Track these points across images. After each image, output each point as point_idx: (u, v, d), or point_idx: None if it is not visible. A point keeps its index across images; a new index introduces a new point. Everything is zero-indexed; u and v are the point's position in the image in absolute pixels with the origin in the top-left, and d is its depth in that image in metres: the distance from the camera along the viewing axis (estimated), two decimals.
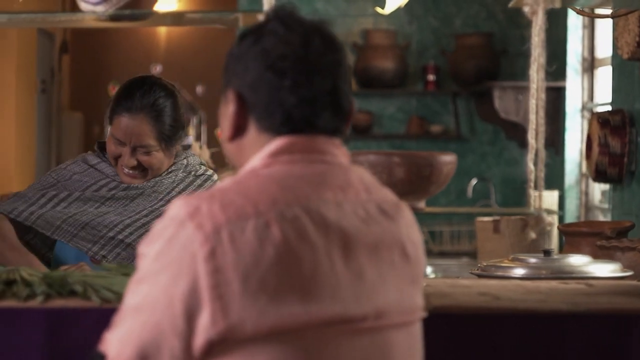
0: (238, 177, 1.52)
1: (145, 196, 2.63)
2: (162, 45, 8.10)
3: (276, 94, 1.52)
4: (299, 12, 1.59)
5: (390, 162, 1.85)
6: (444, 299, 1.82)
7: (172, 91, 2.63)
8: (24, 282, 1.86)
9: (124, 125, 2.55)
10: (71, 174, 2.66)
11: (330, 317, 1.43)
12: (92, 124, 8.21)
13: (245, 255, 1.39)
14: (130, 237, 2.57)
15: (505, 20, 6.64)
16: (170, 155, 2.65)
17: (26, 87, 6.26)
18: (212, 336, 1.38)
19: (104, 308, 1.76)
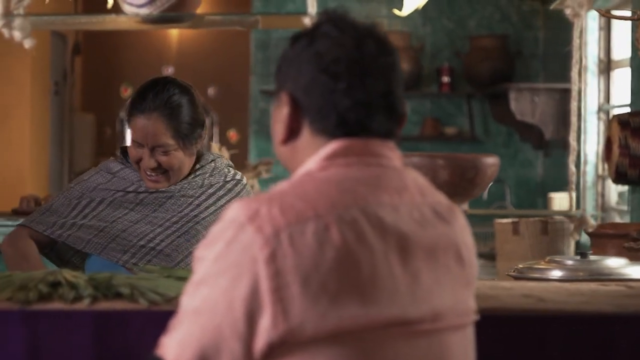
0: (295, 180, 1.52)
1: (174, 200, 2.61)
2: (174, 47, 8.10)
3: (330, 97, 1.52)
4: (351, 15, 1.60)
5: (434, 164, 1.85)
6: (489, 301, 1.82)
7: (187, 89, 2.61)
8: (68, 284, 1.85)
9: (139, 126, 2.55)
10: (95, 185, 2.64)
11: (389, 320, 1.43)
12: (104, 125, 8.21)
13: (306, 258, 1.39)
14: (161, 245, 2.56)
15: (519, 22, 6.64)
16: (191, 154, 2.62)
17: (40, 89, 6.27)
18: (273, 339, 1.38)
19: (151, 310, 1.75)
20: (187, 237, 2.58)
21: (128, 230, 2.56)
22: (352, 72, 1.52)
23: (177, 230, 2.56)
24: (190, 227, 2.59)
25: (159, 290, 1.83)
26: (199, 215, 2.61)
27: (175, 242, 2.56)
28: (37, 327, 1.73)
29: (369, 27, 1.57)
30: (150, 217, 2.58)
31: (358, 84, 1.52)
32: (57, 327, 1.73)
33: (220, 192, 2.64)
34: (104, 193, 2.61)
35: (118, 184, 2.63)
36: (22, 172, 5.94)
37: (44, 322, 1.73)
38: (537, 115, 5.72)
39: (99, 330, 1.73)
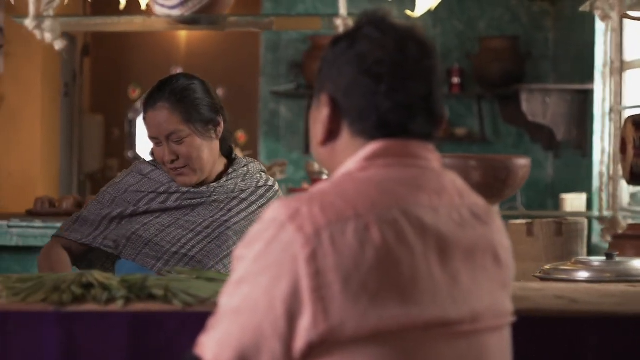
0: (335, 180, 1.52)
1: (205, 205, 2.59)
2: (182, 48, 8.10)
3: (371, 99, 1.52)
4: (392, 17, 1.60)
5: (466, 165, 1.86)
6: (523, 303, 1.82)
7: (194, 76, 2.60)
8: (101, 286, 1.86)
9: (150, 120, 2.55)
10: (126, 187, 2.64)
11: (429, 320, 1.43)
12: (112, 127, 8.21)
13: (346, 258, 1.39)
14: (193, 251, 2.54)
15: (529, 23, 6.64)
16: (210, 140, 2.57)
17: (51, 90, 6.28)
18: (313, 338, 1.38)
19: (185, 312, 1.75)
20: (217, 242, 2.56)
21: (160, 235, 2.55)
22: (393, 74, 1.53)
23: (208, 236, 2.55)
24: (221, 233, 2.57)
25: (191, 291, 1.83)
26: (230, 221, 2.58)
27: (207, 247, 2.54)
28: (72, 328, 1.73)
29: (410, 29, 1.58)
30: (181, 221, 2.57)
31: (399, 86, 1.52)
32: (92, 329, 1.74)
33: (252, 198, 2.62)
34: (135, 196, 2.61)
35: (149, 185, 2.63)
36: (32, 173, 5.94)
37: (79, 324, 1.74)
38: (548, 116, 5.72)
39: (134, 331, 1.73)
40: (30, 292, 1.81)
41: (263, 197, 2.63)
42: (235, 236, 2.55)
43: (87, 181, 7.82)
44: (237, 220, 2.59)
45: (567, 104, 5.69)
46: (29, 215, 4.45)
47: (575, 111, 5.67)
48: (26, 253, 4.28)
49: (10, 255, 4.28)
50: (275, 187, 2.68)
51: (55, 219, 4.24)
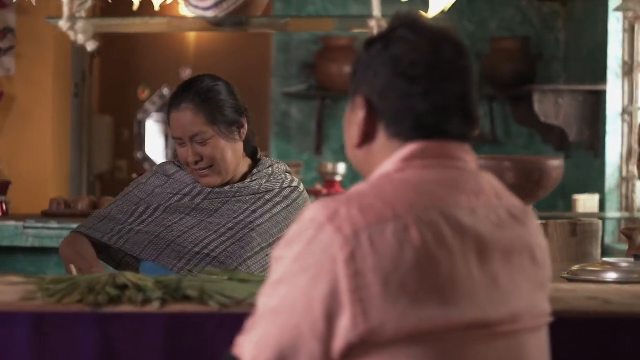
0: (372, 181, 1.53)
1: (229, 206, 2.59)
2: (191, 49, 8.09)
3: (407, 100, 1.53)
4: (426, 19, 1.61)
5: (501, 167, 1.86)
6: (557, 304, 1.82)
7: (219, 77, 2.62)
8: (135, 287, 1.86)
9: (174, 121, 2.56)
10: (153, 188, 2.65)
11: (469, 321, 1.43)
12: (121, 127, 8.19)
13: (385, 259, 1.40)
14: (215, 251, 2.54)
15: (540, 24, 6.64)
16: (234, 142, 2.58)
17: (62, 91, 6.27)
18: (352, 339, 1.38)
19: (222, 313, 1.76)
20: (241, 244, 2.55)
21: (183, 236, 2.55)
22: (429, 75, 1.53)
23: (231, 237, 2.55)
24: (245, 234, 2.56)
25: (226, 292, 1.83)
26: (254, 222, 2.58)
27: (230, 248, 2.53)
28: (108, 329, 1.74)
29: (444, 30, 1.58)
30: (205, 222, 2.57)
31: (435, 88, 1.53)
32: (129, 330, 1.74)
33: (276, 199, 2.62)
34: (160, 198, 2.62)
35: (174, 187, 2.63)
36: (43, 173, 5.94)
37: (116, 325, 1.74)
38: (561, 117, 5.72)
39: (170, 332, 1.74)
40: (65, 293, 1.82)
41: (288, 198, 2.63)
42: (259, 237, 2.55)
43: (97, 182, 7.81)
44: (262, 221, 2.58)
45: (579, 104, 5.69)
46: (44, 216, 4.45)
47: (587, 112, 5.67)
48: (41, 254, 4.28)
49: (25, 256, 4.28)
50: (300, 188, 2.68)
51: (71, 220, 4.25)
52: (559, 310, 1.77)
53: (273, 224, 2.58)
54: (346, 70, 6.52)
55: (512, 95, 6.38)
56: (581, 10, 6.22)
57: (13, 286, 1.98)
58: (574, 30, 6.38)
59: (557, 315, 1.65)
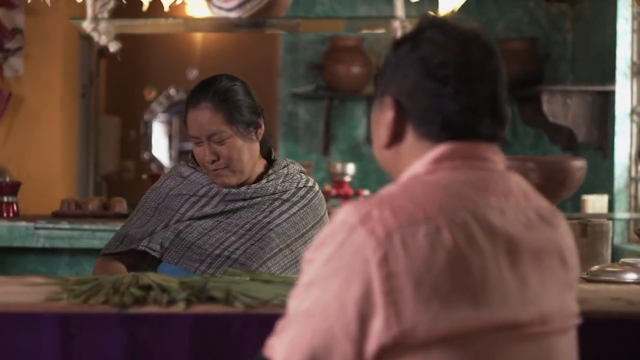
0: (402, 182, 1.53)
1: (247, 207, 2.59)
2: (198, 50, 8.10)
3: (436, 101, 1.53)
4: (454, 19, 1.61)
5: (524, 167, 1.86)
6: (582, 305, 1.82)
7: (237, 78, 2.62)
8: (160, 288, 1.86)
9: (192, 120, 2.55)
10: (167, 191, 2.65)
11: (500, 323, 1.43)
12: (128, 128, 8.21)
13: (418, 261, 1.39)
14: (236, 253, 2.54)
15: (548, 25, 6.64)
16: (251, 142, 2.58)
17: (70, 92, 6.27)
18: (386, 341, 1.38)
19: (248, 314, 1.76)
20: (260, 244, 2.54)
21: (202, 238, 2.55)
22: (458, 76, 1.53)
23: (250, 238, 2.54)
24: (263, 235, 2.56)
25: (250, 293, 1.83)
26: (272, 222, 2.58)
27: (249, 250, 2.53)
28: (134, 330, 1.74)
29: (473, 31, 1.58)
30: (223, 223, 2.57)
31: (465, 88, 1.53)
32: (155, 331, 1.74)
33: (293, 199, 2.62)
34: (176, 200, 2.62)
35: (189, 188, 2.63)
36: (52, 174, 5.93)
37: (142, 326, 1.74)
38: (569, 117, 5.72)
39: (196, 333, 1.74)
40: (90, 294, 1.82)
41: (304, 198, 2.63)
42: (277, 238, 2.55)
43: (104, 183, 7.82)
44: (279, 222, 2.58)
45: (588, 105, 5.69)
46: (54, 217, 4.46)
47: (596, 112, 5.67)
48: (52, 255, 4.29)
49: (36, 257, 4.29)
50: (315, 187, 2.68)
51: (82, 221, 4.25)
52: (584, 311, 1.77)
53: (290, 225, 2.58)
54: (354, 70, 6.52)
55: (519, 96, 6.37)
56: (589, 11, 6.22)
57: (35, 287, 1.99)
58: (582, 31, 6.38)
59: (582, 316, 1.64)
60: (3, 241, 4.20)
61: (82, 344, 1.73)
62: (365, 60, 6.57)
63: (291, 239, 2.57)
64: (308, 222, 2.60)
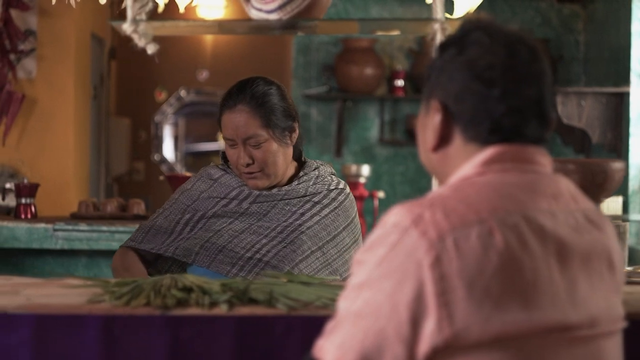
0: (453, 184, 1.53)
1: (277, 209, 2.59)
2: (208, 51, 8.10)
3: (484, 104, 1.53)
4: (500, 22, 1.61)
5: (565, 169, 1.86)
6: None
7: (273, 81, 2.61)
8: (200, 290, 1.86)
9: (227, 122, 2.54)
10: (199, 193, 2.64)
11: (550, 325, 1.44)
12: (138, 130, 8.21)
13: (470, 262, 1.40)
14: (267, 255, 2.53)
15: (560, 26, 6.64)
16: (286, 146, 2.58)
17: (82, 93, 6.28)
18: (438, 343, 1.38)
19: (291, 315, 1.76)
20: (292, 247, 2.54)
21: (234, 241, 2.54)
22: (506, 78, 1.53)
23: (282, 241, 2.54)
24: (295, 237, 2.55)
25: (291, 295, 1.84)
26: (303, 225, 2.57)
27: (281, 252, 2.52)
28: (178, 332, 1.74)
29: (518, 33, 1.59)
30: (254, 226, 2.56)
31: (512, 91, 1.53)
32: (199, 332, 1.74)
33: (324, 201, 2.61)
34: (207, 203, 2.61)
35: (220, 190, 2.63)
36: (66, 176, 5.94)
37: (186, 327, 1.74)
38: (583, 119, 5.72)
39: (240, 335, 1.74)
40: (132, 296, 1.82)
41: (335, 201, 2.63)
42: (309, 240, 2.54)
43: (114, 184, 7.82)
44: (311, 224, 2.57)
45: (602, 106, 5.68)
46: (72, 218, 4.46)
47: (610, 114, 5.67)
48: (70, 256, 4.29)
49: (53, 259, 4.29)
50: (346, 190, 2.67)
51: (100, 222, 4.26)
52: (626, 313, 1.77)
53: (322, 227, 2.57)
54: (366, 72, 6.53)
55: None
56: (602, 12, 6.22)
57: (74, 289, 1.99)
58: (595, 32, 6.38)
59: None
60: (22, 243, 4.20)
61: (126, 346, 1.73)
62: (377, 61, 6.57)
63: (322, 242, 2.56)
64: (339, 224, 2.60)
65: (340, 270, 2.56)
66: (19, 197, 4.44)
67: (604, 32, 6.14)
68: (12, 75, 5.64)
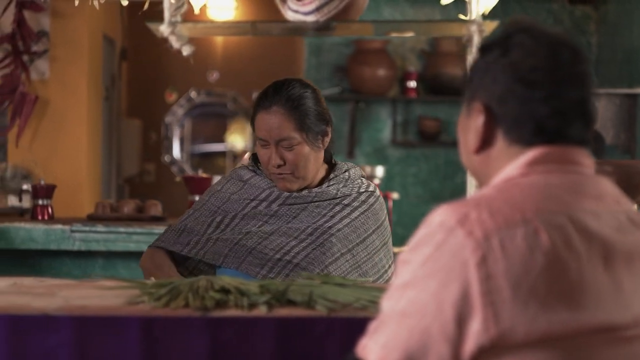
0: (497, 185, 1.53)
1: (307, 212, 2.59)
2: (218, 52, 8.10)
3: (528, 106, 1.53)
4: (541, 23, 1.61)
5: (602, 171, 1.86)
6: None
7: (309, 84, 2.61)
8: (237, 291, 1.87)
9: (261, 122, 2.54)
10: (229, 195, 2.65)
11: (596, 325, 1.44)
12: (149, 131, 8.21)
13: (516, 262, 1.40)
14: (297, 257, 2.52)
15: (572, 28, 6.64)
16: (318, 150, 2.59)
17: (94, 94, 6.28)
18: (483, 342, 1.39)
19: (331, 317, 1.76)
20: (322, 249, 2.53)
21: (263, 243, 2.54)
22: (549, 80, 1.54)
23: (312, 243, 2.54)
24: (324, 240, 2.55)
25: (329, 296, 1.84)
26: (333, 227, 2.57)
27: (311, 254, 2.52)
28: (218, 333, 1.74)
29: (561, 35, 1.59)
30: (284, 228, 2.56)
31: (556, 93, 1.54)
32: (240, 334, 1.74)
33: (354, 204, 2.61)
34: (237, 205, 2.61)
35: (249, 192, 2.63)
36: (78, 177, 5.94)
37: (226, 329, 1.74)
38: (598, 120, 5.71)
39: (280, 336, 1.74)
40: (171, 297, 1.82)
41: (365, 203, 2.62)
42: (339, 243, 2.54)
43: (126, 185, 7.83)
44: (341, 226, 2.57)
45: (616, 108, 5.69)
46: (90, 219, 4.46)
47: (624, 115, 5.67)
48: (87, 258, 4.29)
49: (70, 260, 4.29)
50: (376, 192, 2.67)
51: (117, 224, 4.26)
52: None
53: (351, 230, 2.57)
54: (379, 73, 6.53)
55: None
56: (614, 14, 6.22)
57: (110, 290, 1.99)
58: (607, 33, 6.39)
59: None
60: (39, 244, 4.21)
61: (166, 347, 1.74)
62: (390, 62, 6.58)
63: (352, 244, 2.56)
64: (369, 227, 2.60)
65: (370, 273, 2.56)
66: (35, 198, 4.44)
67: (616, 34, 6.14)
68: (26, 77, 5.64)
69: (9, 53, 5.57)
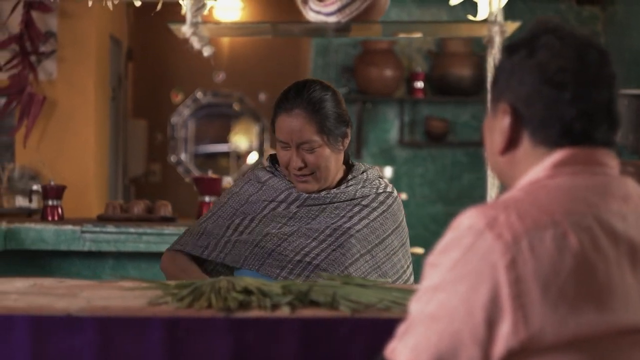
0: (524, 187, 1.53)
1: (326, 213, 2.59)
2: (225, 53, 8.10)
3: (555, 107, 1.53)
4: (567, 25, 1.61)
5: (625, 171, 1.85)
6: None
7: (329, 86, 2.61)
8: (260, 292, 1.87)
9: (282, 124, 2.54)
10: (247, 197, 2.65)
11: (624, 327, 1.44)
12: (155, 131, 8.22)
13: (545, 265, 1.40)
14: (317, 259, 2.52)
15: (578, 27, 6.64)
16: (337, 152, 2.59)
17: (102, 95, 6.28)
18: (513, 345, 1.39)
19: (354, 318, 1.76)
20: (342, 250, 2.53)
21: (283, 244, 2.54)
22: (576, 82, 1.54)
23: (331, 244, 2.54)
24: (344, 240, 2.55)
25: (352, 297, 1.84)
26: (352, 228, 2.57)
27: (331, 255, 2.52)
28: (242, 334, 1.74)
29: (588, 36, 1.59)
30: (303, 229, 2.56)
31: (583, 95, 1.53)
32: (263, 335, 1.74)
33: (373, 204, 2.61)
34: (256, 206, 2.61)
35: (268, 194, 2.63)
36: (86, 178, 5.94)
37: (250, 330, 1.74)
38: None
39: (304, 337, 1.74)
40: (194, 298, 1.82)
41: (383, 204, 2.62)
42: (358, 244, 2.54)
43: (132, 186, 7.83)
44: (360, 227, 2.57)
45: (624, 108, 5.68)
46: (100, 220, 4.46)
47: (631, 116, 5.66)
48: (96, 258, 4.29)
49: (80, 261, 4.29)
50: (394, 193, 2.67)
51: (128, 224, 4.26)
52: None
53: (370, 230, 2.57)
54: (386, 73, 6.53)
55: None
56: (622, 14, 6.22)
57: (132, 291, 1.99)
58: (615, 34, 6.38)
59: None
60: (49, 245, 4.20)
61: (190, 348, 1.74)
62: (397, 63, 6.58)
63: (371, 245, 2.56)
64: (388, 227, 2.60)
65: (389, 273, 2.56)
66: (46, 198, 4.44)
67: (623, 34, 6.14)
68: (33, 77, 5.64)
69: (17, 54, 5.57)
